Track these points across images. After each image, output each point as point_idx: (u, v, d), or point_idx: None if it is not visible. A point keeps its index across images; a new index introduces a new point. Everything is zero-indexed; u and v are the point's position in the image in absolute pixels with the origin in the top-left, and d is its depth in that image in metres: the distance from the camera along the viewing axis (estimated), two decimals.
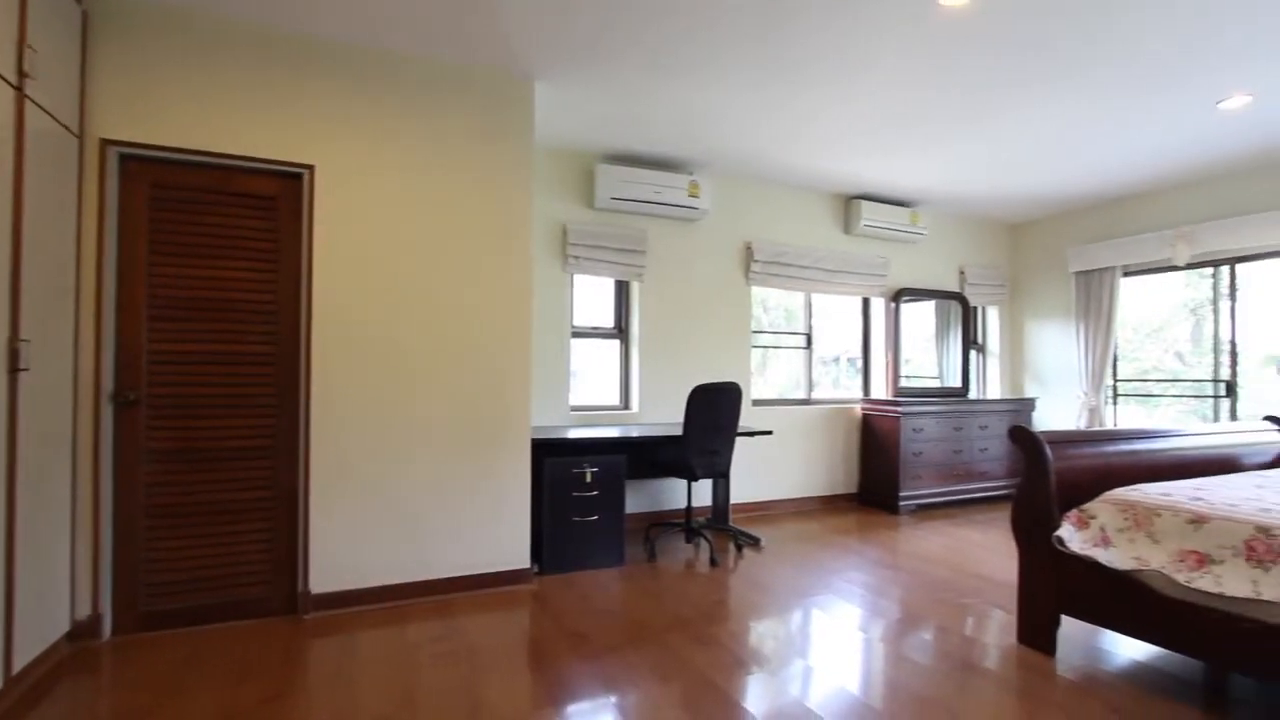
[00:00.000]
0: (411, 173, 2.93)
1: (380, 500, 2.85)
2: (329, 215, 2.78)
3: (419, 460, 2.92)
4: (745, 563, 3.53)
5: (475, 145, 3.05)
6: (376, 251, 2.86)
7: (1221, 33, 2.66)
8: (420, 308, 2.94)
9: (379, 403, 2.85)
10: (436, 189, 2.98)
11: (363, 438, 2.82)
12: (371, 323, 2.85)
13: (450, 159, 3.00)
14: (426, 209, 2.96)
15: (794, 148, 4.07)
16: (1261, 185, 4.35)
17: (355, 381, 2.81)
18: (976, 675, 2.21)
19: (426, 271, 2.95)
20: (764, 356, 5.18)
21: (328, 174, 2.78)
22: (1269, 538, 1.82)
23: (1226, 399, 4.66)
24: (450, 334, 2.99)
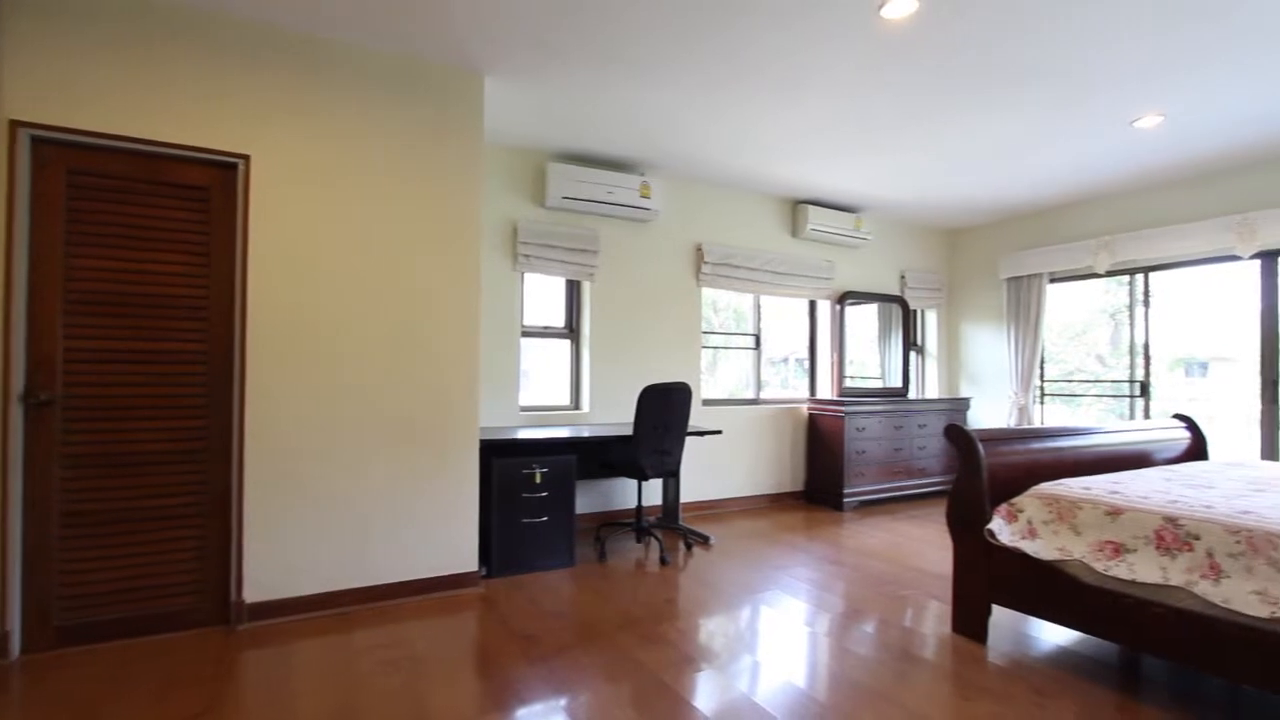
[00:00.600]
0: (356, 167, 2.84)
1: (321, 504, 2.75)
2: (266, 208, 2.66)
3: (362, 463, 2.83)
4: (695, 561, 3.57)
5: (423, 140, 2.99)
6: (317, 247, 2.76)
7: (1135, 57, 2.85)
8: (364, 305, 2.85)
9: (319, 403, 2.75)
10: (382, 184, 2.90)
11: (302, 440, 2.72)
12: (312, 320, 2.75)
13: (397, 154, 2.93)
14: (371, 204, 2.87)
15: (744, 151, 4.14)
16: (1172, 199, 4.67)
17: (293, 381, 2.71)
18: (914, 664, 2.30)
19: (370, 268, 2.87)
20: (714, 357, 5.24)
21: (265, 165, 2.66)
22: (1176, 527, 1.96)
23: (1141, 398, 4.99)
24: (396, 333, 2.92)
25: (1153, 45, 2.75)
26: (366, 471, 2.84)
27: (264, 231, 2.66)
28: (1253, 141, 3.83)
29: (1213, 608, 1.82)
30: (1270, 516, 1.88)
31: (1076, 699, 2.06)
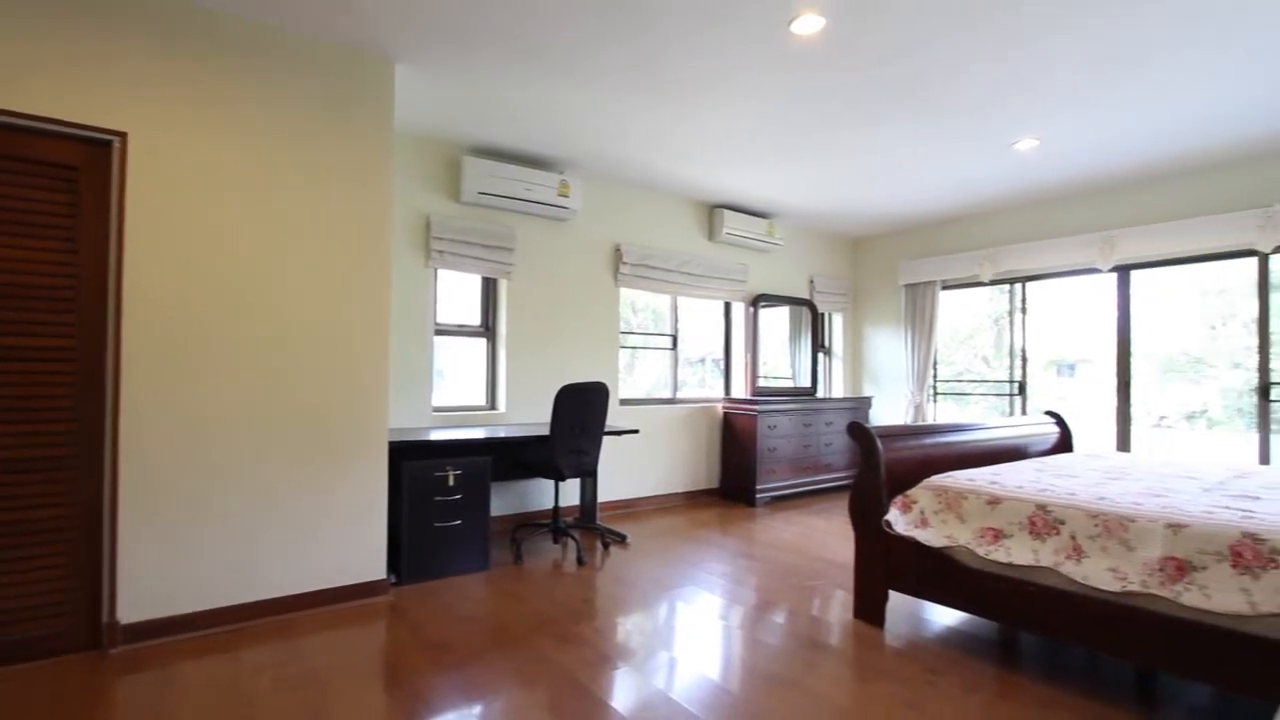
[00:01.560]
0: (249, 151, 2.65)
1: (208, 514, 2.55)
2: (146, 191, 2.44)
3: (257, 468, 2.65)
4: (612, 560, 3.59)
5: (327, 127, 2.83)
6: (206, 235, 2.56)
7: (1015, 86, 3.12)
8: (259, 300, 2.67)
9: (205, 405, 2.55)
10: (280, 171, 2.72)
11: (184, 445, 2.50)
12: (198, 315, 2.54)
13: (297, 140, 2.76)
14: (268, 192, 2.69)
15: (662, 153, 4.20)
16: (1046, 216, 5.15)
17: (175, 381, 2.49)
18: (819, 651, 2.42)
19: (267, 260, 2.69)
20: (633, 357, 5.29)
21: (145, 145, 2.43)
22: (1046, 514, 2.17)
23: (1019, 397, 5.47)
24: (295, 330, 2.75)
25: (1030, 76, 3.02)
26: (261, 478, 2.66)
27: (143, 217, 2.43)
28: (1114, 167, 4.29)
29: (1075, 584, 2.02)
30: (1122, 502, 2.12)
31: (963, 674, 2.23)
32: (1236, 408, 5.19)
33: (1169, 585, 1.84)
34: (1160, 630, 1.86)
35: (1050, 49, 2.77)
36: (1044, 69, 2.96)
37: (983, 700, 2.05)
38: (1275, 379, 4.13)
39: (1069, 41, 2.71)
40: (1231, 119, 3.49)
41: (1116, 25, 2.58)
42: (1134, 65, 2.91)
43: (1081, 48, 2.76)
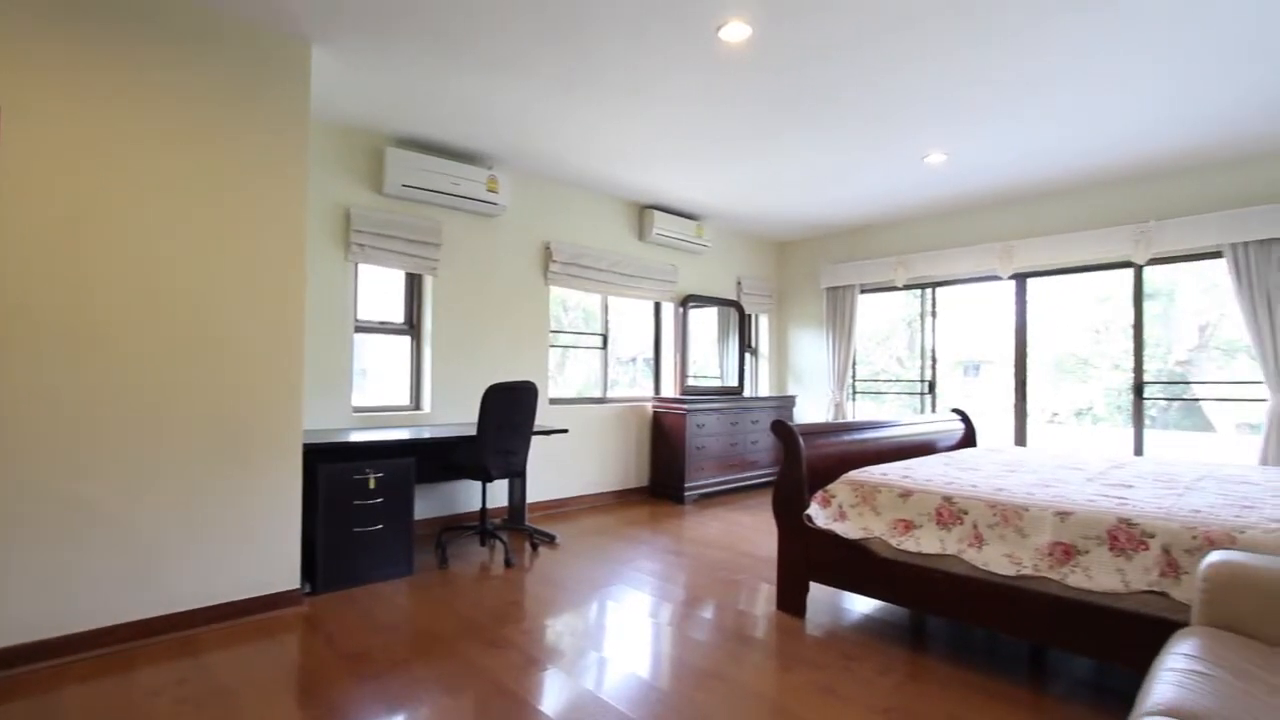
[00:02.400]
0: (146, 131, 2.45)
1: (94, 527, 2.34)
2: (19, 171, 2.21)
3: (150, 475, 2.46)
4: (541, 561, 3.55)
5: (236, 106, 2.66)
6: (93, 222, 2.35)
7: (926, 103, 3.31)
8: (157, 293, 2.47)
9: (94, 404, 2.34)
10: (182, 155, 2.53)
11: (67, 447, 2.29)
12: (78, 309, 2.33)
13: (202, 122, 2.58)
14: (166, 176, 2.50)
15: (593, 153, 4.19)
16: (954, 226, 5.49)
17: (51, 381, 2.27)
18: (744, 644, 2.48)
19: (169, 249, 2.50)
20: (563, 356, 5.25)
21: (20, 121, 2.21)
22: (951, 505, 2.31)
23: (930, 395, 5.81)
24: (199, 323, 2.57)
25: (940, 94, 3.21)
26: (156, 485, 2.47)
27: (15, 199, 2.21)
28: (1013, 182, 4.63)
29: (976, 570, 2.17)
30: (1017, 492, 2.29)
31: (877, 659, 2.35)
32: (1117, 405, 5.70)
33: (1057, 568, 2.01)
34: (1050, 610, 2.02)
35: (956, 72, 2.96)
36: (951, 91, 3.15)
37: (894, 682, 2.17)
38: (1148, 379, 4.58)
39: (973, 68, 2.90)
40: (1110, 144, 3.83)
41: (1014, 55, 2.79)
42: (1029, 92, 3.15)
43: (984, 74, 2.96)
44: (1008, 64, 2.91)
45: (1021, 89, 3.16)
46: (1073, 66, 2.92)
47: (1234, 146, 3.89)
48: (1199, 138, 3.75)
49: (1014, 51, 2.80)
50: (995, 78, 3.04)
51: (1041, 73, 2.99)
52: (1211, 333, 5.70)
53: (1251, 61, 2.86)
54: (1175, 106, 3.33)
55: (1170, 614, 1.79)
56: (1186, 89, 3.14)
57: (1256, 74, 2.98)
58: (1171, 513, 1.94)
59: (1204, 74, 2.99)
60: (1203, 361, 5.85)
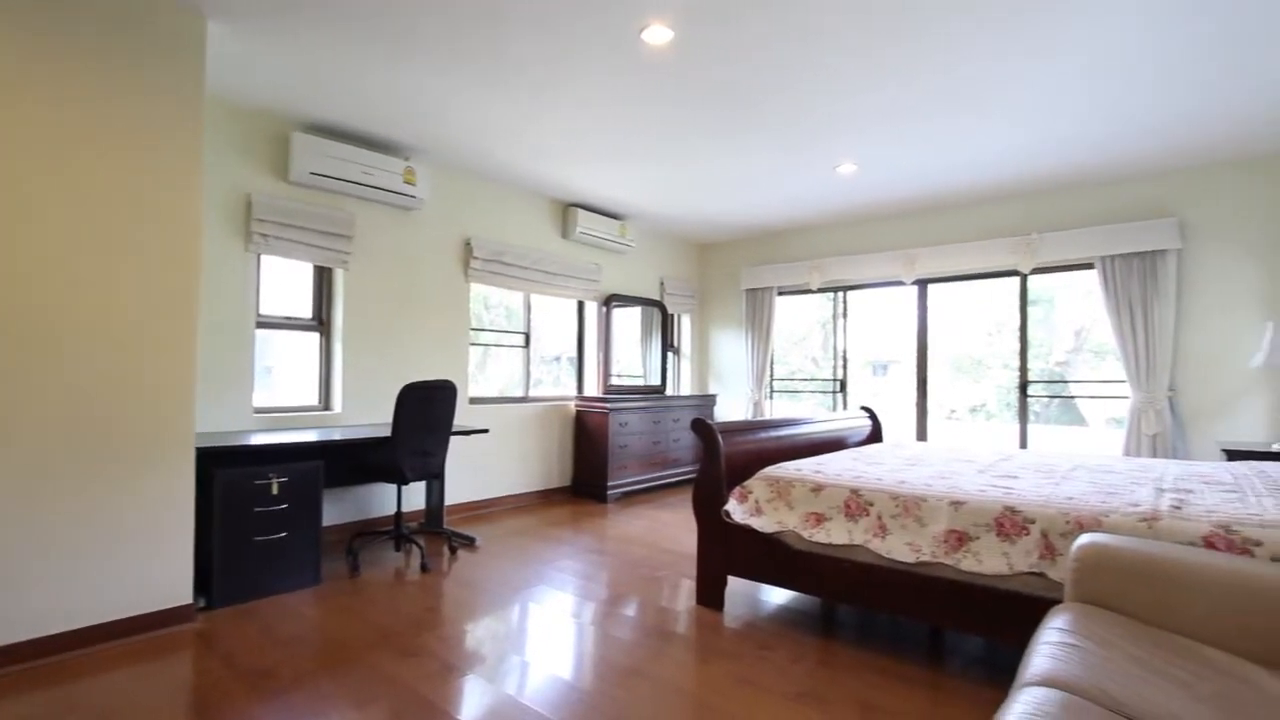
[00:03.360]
0: (19, 104, 2.20)
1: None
2: None
3: (14, 486, 2.21)
4: (460, 564, 3.46)
5: (122, 80, 2.43)
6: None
7: (838, 115, 3.47)
8: (27, 280, 2.23)
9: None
10: (54, 130, 2.29)
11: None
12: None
13: (79, 96, 2.34)
14: (42, 155, 2.26)
15: (516, 148, 4.13)
16: (863, 233, 5.79)
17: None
18: (665, 639, 2.52)
19: (41, 234, 2.25)
20: (484, 355, 5.14)
21: None
22: (858, 497, 2.44)
23: (841, 394, 6.09)
24: (72, 318, 2.33)
25: (851, 108, 3.38)
26: (23, 498, 2.22)
27: None
28: (916, 194, 4.93)
29: (881, 559, 2.30)
30: (917, 485, 2.44)
31: (790, 647, 2.44)
32: (1006, 402, 6.18)
33: (952, 554, 2.16)
34: (945, 593, 2.17)
35: (865, 88, 3.12)
36: (861, 106, 3.32)
37: (806, 668, 2.27)
38: (1032, 378, 5.00)
39: (880, 85, 3.07)
40: (1001, 162, 4.16)
41: (917, 76, 2.97)
42: (931, 111, 3.37)
43: (890, 92, 3.14)
44: (912, 83, 3.09)
45: (924, 108, 3.37)
46: (968, 90, 3.15)
47: (1105, 169, 4.30)
48: (1076, 159, 4.13)
49: (917, 72, 2.98)
50: (901, 96, 3.23)
51: (941, 94, 3.20)
52: (1085, 337, 6.29)
53: (1121, 93, 3.18)
54: (1055, 130, 3.65)
55: (1047, 593, 1.97)
56: (1065, 115, 3.45)
57: (1125, 104, 3.31)
58: (1049, 500, 2.13)
59: (1079, 102, 3.29)
60: (1078, 363, 6.44)
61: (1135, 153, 4.01)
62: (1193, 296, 4.29)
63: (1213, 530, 1.79)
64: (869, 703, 2.03)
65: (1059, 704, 1.15)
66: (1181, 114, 3.42)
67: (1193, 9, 2.47)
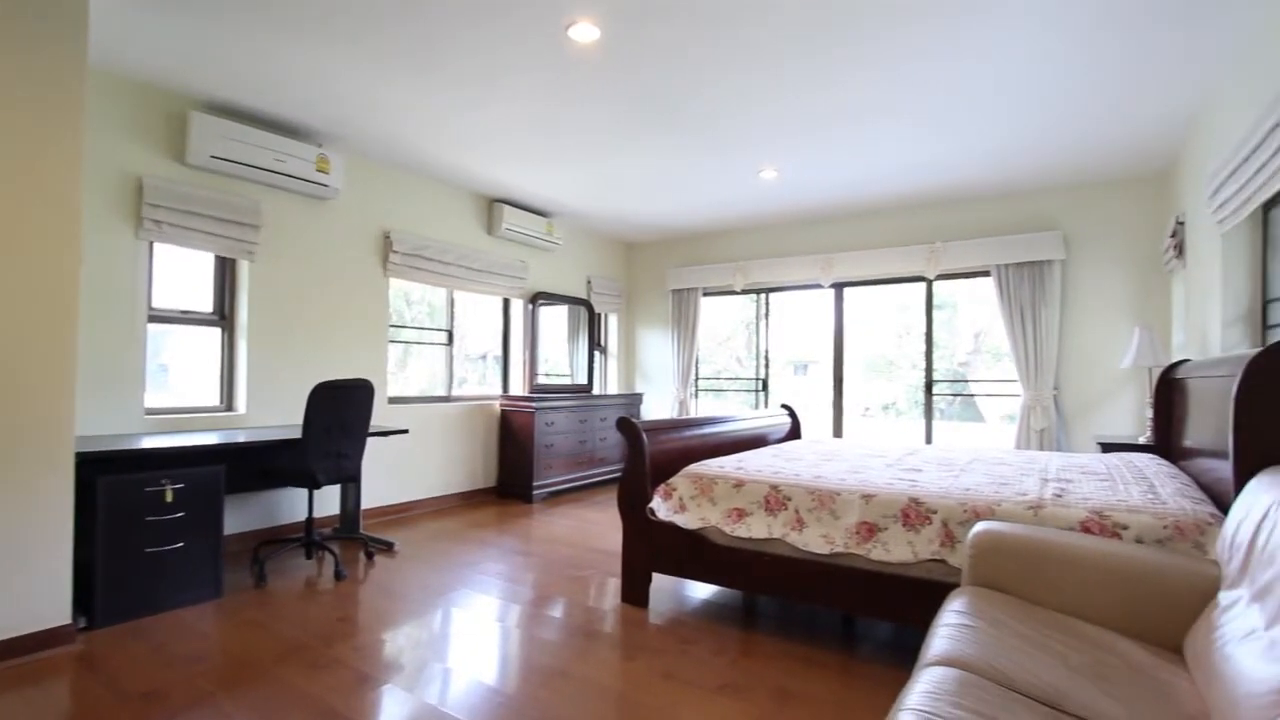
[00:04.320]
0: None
1: None
2: None
3: None
4: (377, 571, 3.33)
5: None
6: None
7: (758, 120, 3.58)
8: None
9: None
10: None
11: None
12: None
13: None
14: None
15: (441, 141, 4.01)
16: (785, 237, 5.99)
17: None
18: (590, 638, 2.52)
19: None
20: (405, 352, 4.97)
21: None
22: (777, 492, 2.53)
23: (763, 392, 6.28)
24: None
25: (771, 115, 3.49)
26: None
27: None
28: (833, 200, 5.15)
29: (798, 551, 2.39)
30: (832, 479, 2.55)
31: (712, 640, 2.50)
32: (914, 400, 6.55)
33: (863, 544, 2.27)
34: (857, 582, 2.29)
35: (786, 95, 3.23)
36: (781, 113, 3.44)
37: (728, 660, 2.33)
38: (937, 378, 5.33)
39: (798, 92, 3.19)
40: (910, 173, 4.41)
41: (831, 87, 3.11)
42: (846, 122, 3.53)
43: (808, 101, 3.27)
44: (828, 94, 3.23)
45: (840, 118, 3.52)
46: (880, 102, 3.32)
47: (1000, 184, 4.65)
48: (975, 173, 4.44)
49: (833, 84, 3.11)
50: (818, 106, 3.36)
51: (855, 106, 3.36)
52: (983, 339, 6.77)
53: (1013, 117, 3.45)
54: (958, 144, 3.91)
55: (948, 578, 2.11)
56: (966, 131, 3.70)
57: (1016, 127, 3.59)
58: (949, 492, 2.28)
59: (978, 121, 3.54)
60: (977, 363, 6.93)
61: (1026, 170, 4.35)
62: (1074, 303, 4.70)
63: (1088, 516, 1.97)
64: (786, 690, 2.11)
65: (955, 681, 1.24)
66: (1065, 138, 3.75)
67: (1069, 50, 2.71)
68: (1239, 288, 2.93)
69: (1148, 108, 3.34)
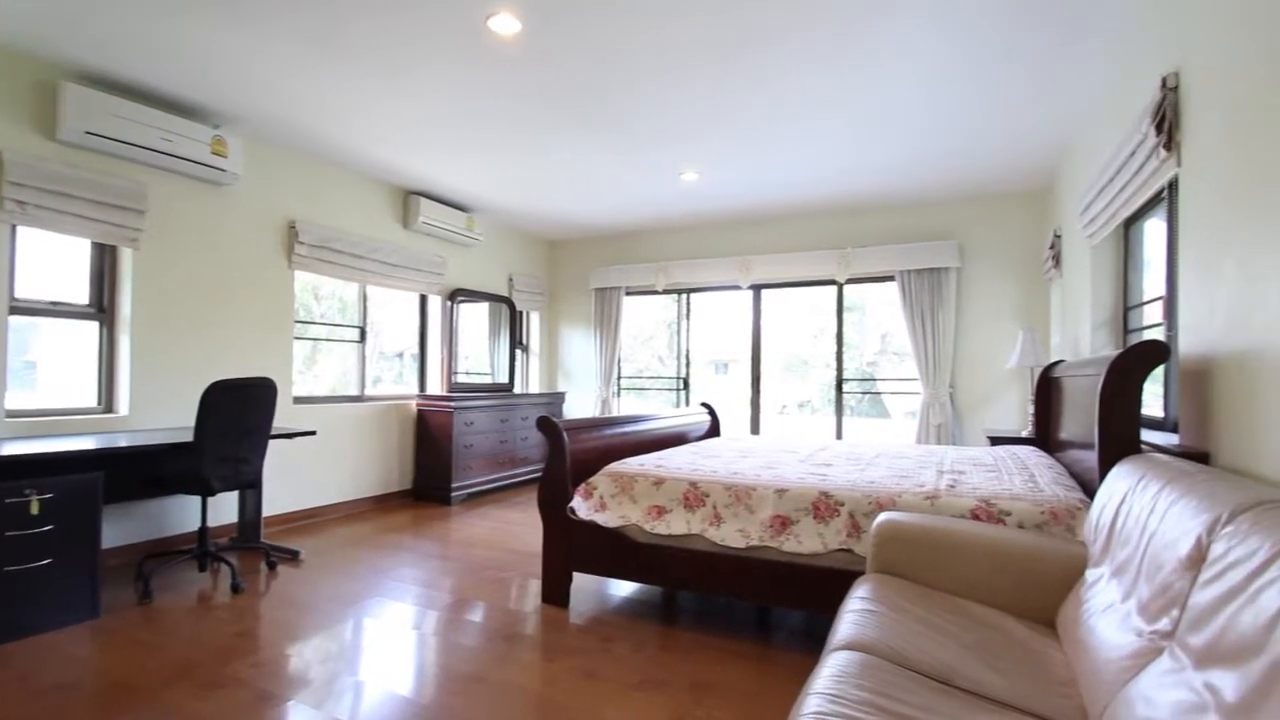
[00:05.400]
0: None
1: None
2: None
3: None
4: (281, 582, 3.14)
5: None
6: None
7: (680, 123, 3.64)
8: None
9: None
10: None
11: None
12: None
13: None
14: None
15: (353, 129, 3.82)
16: (706, 239, 6.12)
17: None
18: (510, 641, 2.48)
19: None
20: (314, 350, 4.71)
21: None
22: (696, 489, 2.58)
23: (685, 391, 6.39)
24: None
25: (693, 118, 3.55)
26: None
27: None
28: (752, 204, 5.30)
29: (716, 546, 2.46)
30: (749, 475, 2.64)
31: (633, 637, 2.52)
32: (827, 398, 6.84)
33: (776, 537, 2.36)
34: (771, 574, 2.37)
35: (704, 97, 3.31)
36: (701, 116, 3.51)
37: (647, 656, 2.35)
38: (847, 376, 5.60)
39: (716, 95, 3.27)
40: (824, 181, 4.62)
41: (749, 94, 3.21)
42: (763, 128, 3.65)
43: (726, 106, 3.36)
44: (747, 100, 3.33)
45: (757, 124, 3.64)
46: (794, 111, 3.46)
47: (905, 194, 4.95)
48: (883, 184, 4.70)
49: (751, 90, 3.21)
50: (737, 111, 3.46)
51: (771, 113, 3.48)
52: (889, 340, 7.18)
53: (912, 132, 3.67)
54: (867, 155, 4.13)
55: (854, 566, 2.22)
56: (874, 143, 3.91)
57: (916, 142, 3.83)
58: (856, 485, 2.41)
59: (884, 135, 3.75)
60: (883, 363, 7.34)
61: (928, 183, 4.65)
62: (968, 308, 5.07)
63: (977, 504, 2.13)
64: (704, 681, 2.16)
65: (858, 664, 1.31)
66: (962, 156, 4.04)
67: (965, 76, 2.92)
68: (1105, 295, 3.26)
69: (1031, 132, 3.66)
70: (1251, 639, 0.88)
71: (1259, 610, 0.89)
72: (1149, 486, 1.48)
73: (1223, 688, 0.89)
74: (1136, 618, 1.25)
